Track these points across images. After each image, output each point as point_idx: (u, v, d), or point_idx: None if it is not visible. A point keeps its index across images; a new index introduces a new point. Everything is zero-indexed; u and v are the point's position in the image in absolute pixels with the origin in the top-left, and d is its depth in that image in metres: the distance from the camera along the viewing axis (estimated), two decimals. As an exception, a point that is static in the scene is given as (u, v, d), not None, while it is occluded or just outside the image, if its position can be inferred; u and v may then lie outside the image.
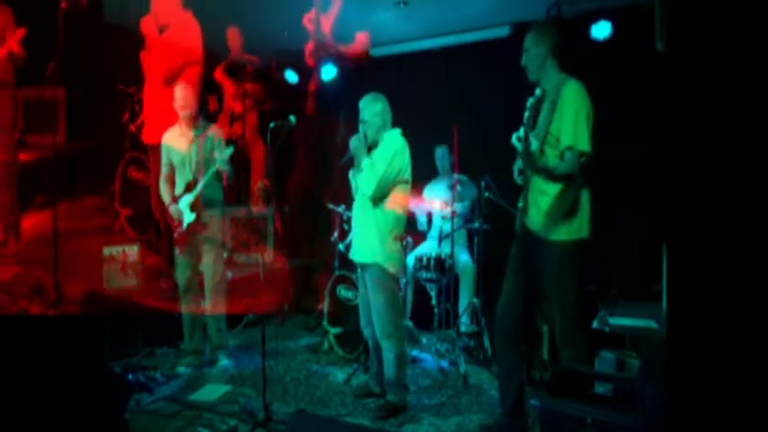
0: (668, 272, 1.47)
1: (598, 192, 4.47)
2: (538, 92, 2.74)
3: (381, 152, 3.28)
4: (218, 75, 5.47)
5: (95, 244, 4.15)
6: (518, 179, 2.93)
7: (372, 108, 3.32)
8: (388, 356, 3.28)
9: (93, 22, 4.00)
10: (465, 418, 3.24)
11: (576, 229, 2.81)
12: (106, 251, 4.48)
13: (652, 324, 2.98)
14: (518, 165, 2.92)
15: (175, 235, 4.01)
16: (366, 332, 3.48)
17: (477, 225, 4.37)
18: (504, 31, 4.88)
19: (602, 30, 4.44)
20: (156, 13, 4.47)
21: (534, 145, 2.73)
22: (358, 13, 4.74)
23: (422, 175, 5.01)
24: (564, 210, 2.77)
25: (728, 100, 1.37)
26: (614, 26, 4.41)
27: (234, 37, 5.14)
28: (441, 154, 4.88)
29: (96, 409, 2.37)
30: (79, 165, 5.28)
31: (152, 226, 4.90)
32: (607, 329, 3.02)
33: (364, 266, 3.35)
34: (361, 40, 5.00)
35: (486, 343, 4.23)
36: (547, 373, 3.60)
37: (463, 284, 4.53)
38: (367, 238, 3.30)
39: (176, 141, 4.01)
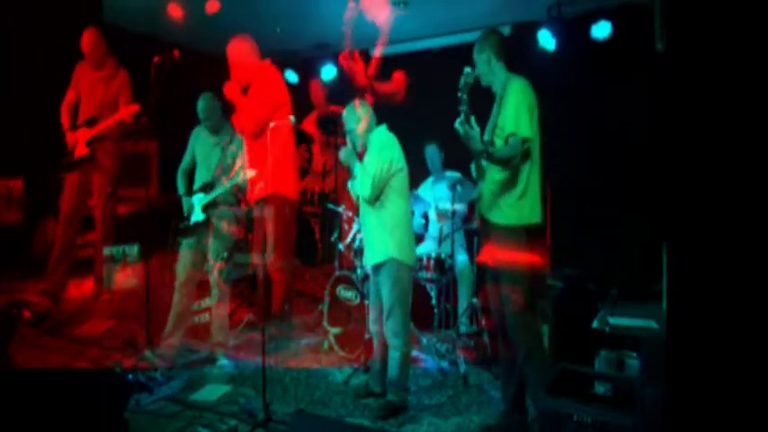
0: (668, 272, 1.47)
1: (598, 192, 4.50)
2: (467, 70, 2.81)
3: (370, 153, 3.34)
4: (309, 126, 5.37)
5: (187, 297, 4.16)
6: (474, 174, 3.09)
7: (354, 116, 3.39)
8: (394, 355, 3.29)
9: (185, 73, 4.02)
10: (465, 418, 3.23)
11: (527, 214, 2.91)
12: (106, 251, 4.49)
13: (652, 324, 2.99)
14: (474, 164, 3.08)
15: (181, 226, 4.06)
16: (372, 329, 3.50)
17: (475, 225, 4.37)
18: (504, 32, 4.87)
19: (602, 30, 4.44)
20: (237, 77, 4.45)
21: (486, 136, 2.94)
22: (358, 13, 4.74)
23: (420, 174, 5.03)
24: (508, 191, 2.91)
25: (728, 100, 1.37)
26: (614, 26, 4.41)
27: (317, 90, 5.08)
28: (431, 153, 4.86)
29: (96, 409, 2.37)
30: (171, 217, 5.32)
31: (245, 279, 4.79)
32: (607, 329, 3.03)
33: (379, 266, 3.34)
34: (398, 78, 5.02)
35: (487, 342, 4.23)
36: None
37: (462, 285, 4.53)
38: (379, 238, 3.32)
39: (202, 139, 4.15)
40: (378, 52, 5.08)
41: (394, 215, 3.29)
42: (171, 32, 5.17)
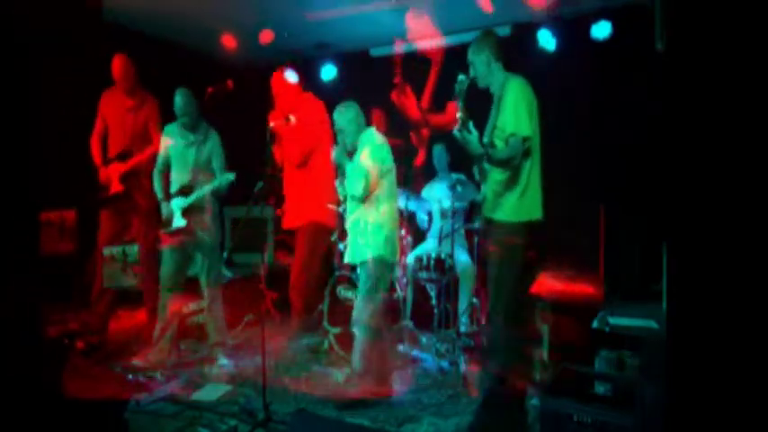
0: (668, 272, 1.47)
1: (598, 192, 4.49)
2: (461, 77, 2.85)
3: (361, 153, 3.39)
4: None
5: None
6: (477, 176, 3.11)
7: (346, 116, 3.46)
8: (356, 345, 3.38)
9: (237, 104, 3.90)
10: (465, 417, 3.23)
11: (528, 210, 2.93)
12: (106, 251, 4.47)
13: (652, 324, 2.99)
14: (476, 166, 3.09)
15: (161, 233, 4.00)
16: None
17: (476, 225, 4.37)
18: (504, 31, 4.88)
19: (602, 30, 4.44)
20: (281, 107, 4.50)
21: (486, 137, 2.95)
22: (358, 14, 4.74)
23: (424, 174, 5.03)
24: (510, 190, 2.92)
25: (727, 100, 1.37)
26: (614, 26, 4.41)
27: (379, 120, 5.03)
28: (438, 152, 4.88)
29: (96, 409, 2.37)
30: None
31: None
32: (607, 329, 3.03)
33: (362, 263, 3.42)
34: (453, 109, 5.01)
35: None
36: (547, 373, 3.60)
37: (463, 285, 4.53)
38: (366, 237, 3.38)
39: (176, 139, 4.04)
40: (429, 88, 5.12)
41: (382, 214, 3.36)
42: (171, 33, 5.18)
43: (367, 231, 3.37)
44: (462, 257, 4.59)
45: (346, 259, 3.61)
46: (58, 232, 4.51)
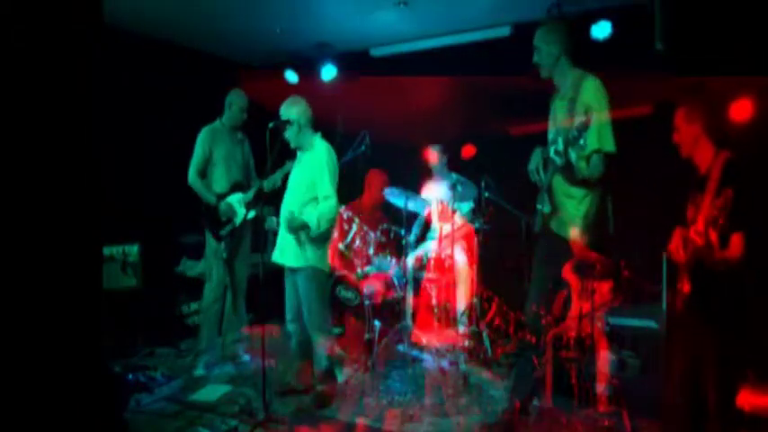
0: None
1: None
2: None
3: (320, 167, 3.35)
4: (567, 273, 5.09)
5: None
6: (534, 178, 2.85)
7: (293, 110, 3.40)
8: (320, 350, 3.40)
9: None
10: (465, 417, 3.23)
11: (599, 225, 2.84)
12: (106, 251, 4.47)
13: (652, 324, 3.00)
14: (535, 163, 2.82)
15: (223, 233, 4.00)
16: (290, 327, 3.56)
17: (476, 225, 4.37)
18: (504, 31, 4.87)
19: (602, 30, 4.43)
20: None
21: (573, 156, 2.62)
22: (358, 13, 4.74)
23: (423, 175, 5.02)
24: (594, 215, 2.77)
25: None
26: (614, 26, 4.40)
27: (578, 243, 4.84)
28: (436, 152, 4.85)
29: (96, 409, 2.37)
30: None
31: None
32: (607, 329, 3.03)
33: (296, 269, 3.41)
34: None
35: (486, 342, 4.23)
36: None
37: (462, 285, 4.52)
38: (299, 244, 3.38)
39: (220, 138, 4.07)
40: None
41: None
42: (170, 32, 5.17)
43: (305, 239, 3.36)
44: (461, 258, 4.59)
45: (278, 258, 3.51)
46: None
